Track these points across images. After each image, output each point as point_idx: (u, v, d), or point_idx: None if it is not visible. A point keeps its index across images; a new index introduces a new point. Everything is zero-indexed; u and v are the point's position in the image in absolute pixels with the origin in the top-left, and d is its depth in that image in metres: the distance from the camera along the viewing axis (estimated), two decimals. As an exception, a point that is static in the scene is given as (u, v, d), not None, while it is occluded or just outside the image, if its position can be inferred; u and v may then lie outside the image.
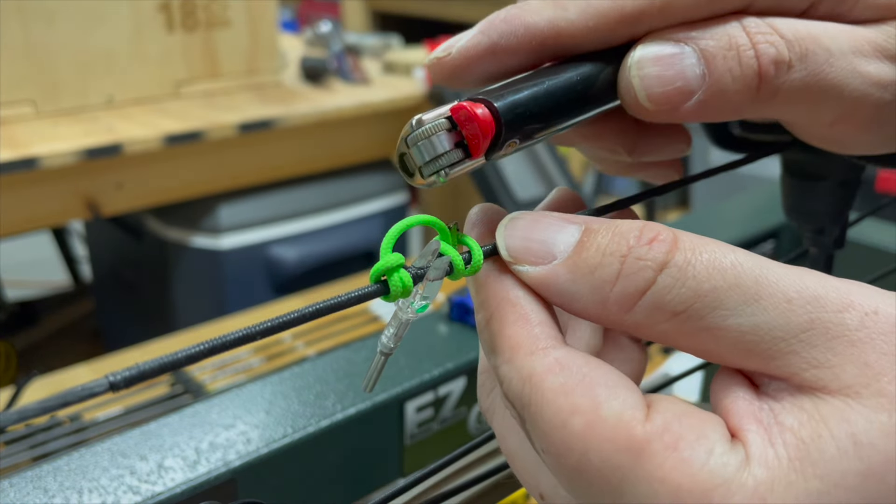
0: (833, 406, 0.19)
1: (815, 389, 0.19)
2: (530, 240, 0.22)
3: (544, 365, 0.21)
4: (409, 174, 0.23)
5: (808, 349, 0.19)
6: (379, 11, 2.82)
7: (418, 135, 0.22)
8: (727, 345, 0.20)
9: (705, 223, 0.72)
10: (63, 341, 1.76)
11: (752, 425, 0.20)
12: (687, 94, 0.23)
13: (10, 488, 0.38)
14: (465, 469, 0.43)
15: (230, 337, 0.18)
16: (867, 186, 1.27)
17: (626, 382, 0.21)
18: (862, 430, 0.18)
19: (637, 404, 0.20)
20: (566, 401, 0.20)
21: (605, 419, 0.19)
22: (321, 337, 0.86)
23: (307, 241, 1.40)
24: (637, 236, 0.21)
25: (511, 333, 0.22)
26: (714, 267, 0.20)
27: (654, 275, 0.20)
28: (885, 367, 0.19)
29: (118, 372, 0.16)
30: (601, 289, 0.21)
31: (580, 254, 0.21)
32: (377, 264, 0.22)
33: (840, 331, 0.19)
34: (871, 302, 0.20)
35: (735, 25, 0.23)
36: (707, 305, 0.20)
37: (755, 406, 0.20)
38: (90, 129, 1.18)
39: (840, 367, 0.19)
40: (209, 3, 1.34)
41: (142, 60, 1.30)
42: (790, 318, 0.20)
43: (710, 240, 0.21)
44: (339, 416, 0.44)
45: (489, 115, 0.22)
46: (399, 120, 1.49)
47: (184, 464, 0.40)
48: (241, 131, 1.25)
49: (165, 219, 1.35)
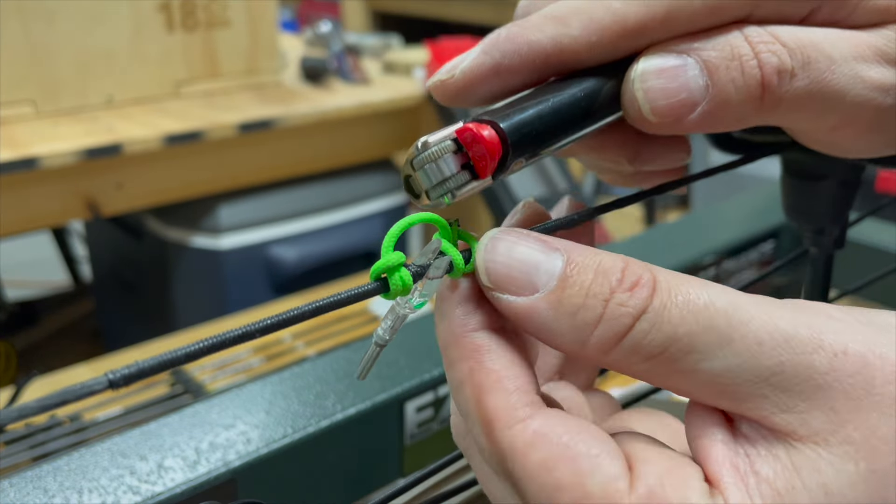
0: (805, 455, 0.19)
1: (786, 435, 0.20)
2: (512, 268, 0.22)
3: (524, 440, 0.21)
4: (416, 195, 0.23)
5: (777, 393, 0.20)
6: (379, 11, 2.82)
7: (424, 158, 0.22)
8: (700, 386, 0.21)
9: (705, 223, 0.72)
10: (63, 341, 1.76)
11: (731, 476, 0.20)
12: (691, 105, 0.23)
13: (10, 488, 0.38)
14: (466, 469, 0.43)
15: (230, 335, 0.18)
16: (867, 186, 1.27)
17: (608, 446, 0.21)
18: (832, 481, 0.19)
19: (620, 473, 0.20)
20: (550, 477, 0.20)
21: (591, 494, 0.20)
22: (321, 337, 0.86)
23: (307, 241, 1.40)
24: (619, 279, 0.21)
25: (487, 404, 0.21)
26: (688, 310, 0.20)
27: (633, 321, 0.20)
28: (851, 413, 0.19)
29: (117, 370, 0.16)
30: (582, 331, 0.21)
31: (563, 290, 0.21)
32: (378, 262, 0.22)
33: (808, 374, 0.20)
34: (840, 341, 0.20)
35: (737, 35, 0.23)
36: (681, 350, 0.20)
37: (732, 451, 0.20)
38: (90, 128, 1.18)
39: (808, 413, 0.19)
40: (209, 3, 1.34)
41: (142, 60, 1.30)
42: (761, 360, 0.20)
43: (685, 278, 0.21)
44: (339, 416, 0.44)
45: (496, 136, 0.22)
46: (399, 120, 1.49)
47: (184, 464, 0.40)
48: (241, 131, 1.25)
49: (165, 219, 1.35)
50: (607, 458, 0.20)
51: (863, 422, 0.19)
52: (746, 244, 0.68)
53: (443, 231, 0.23)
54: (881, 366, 0.19)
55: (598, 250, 0.22)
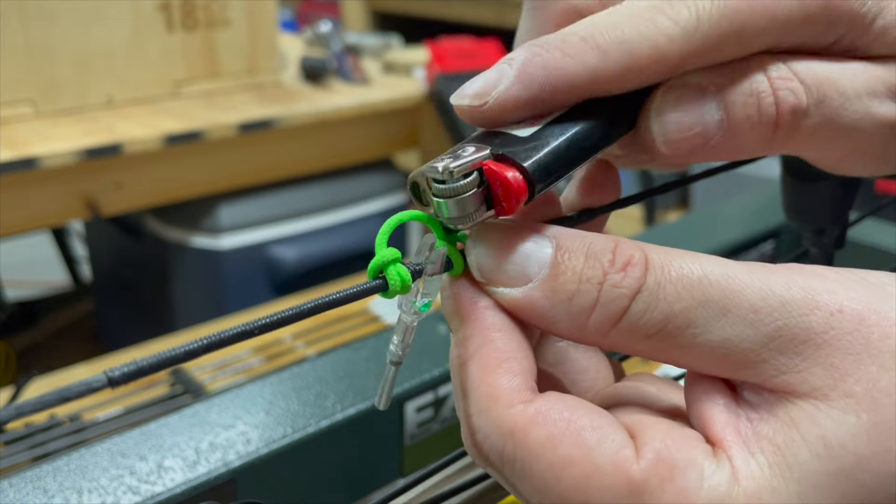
0: (803, 410, 0.20)
1: (786, 393, 0.20)
2: (503, 260, 0.22)
3: (526, 417, 0.20)
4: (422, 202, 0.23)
5: (775, 356, 0.20)
6: (379, 11, 2.82)
7: (447, 191, 0.21)
8: (699, 358, 0.21)
9: (705, 223, 0.72)
10: (63, 341, 1.76)
11: (733, 437, 0.20)
12: (704, 139, 0.23)
13: (10, 488, 0.38)
14: (465, 469, 0.43)
15: (228, 333, 0.18)
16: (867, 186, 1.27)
17: (607, 418, 0.21)
18: (831, 433, 0.19)
19: (625, 441, 0.20)
20: (556, 454, 0.20)
21: (601, 466, 0.20)
22: (321, 337, 0.85)
23: (307, 241, 1.40)
24: (611, 260, 0.21)
25: (492, 381, 0.21)
26: (683, 285, 0.20)
27: (629, 302, 0.21)
28: (851, 367, 0.19)
29: (117, 368, 0.16)
30: (579, 316, 0.21)
31: (556, 278, 0.21)
32: (374, 259, 0.22)
33: (807, 335, 0.20)
34: (836, 300, 0.20)
35: (756, 69, 0.23)
36: (678, 326, 0.20)
37: (734, 415, 0.21)
38: (90, 128, 1.18)
39: (808, 371, 0.20)
40: (209, 2, 1.34)
41: (142, 60, 1.29)
42: (758, 328, 0.20)
43: (677, 252, 0.21)
44: (339, 416, 0.44)
45: (521, 180, 0.21)
46: (399, 120, 1.49)
47: (183, 464, 0.40)
48: (241, 131, 1.25)
49: (165, 219, 1.35)
50: (610, 428, 0.20)
51: (863, 375, 0.19)
52: (746, 244, 0.68)
53: (435, 230, 0.23)
54: (878, 321, 0.20)
55: (586, 233, 0.22)
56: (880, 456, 0.19)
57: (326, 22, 1.66)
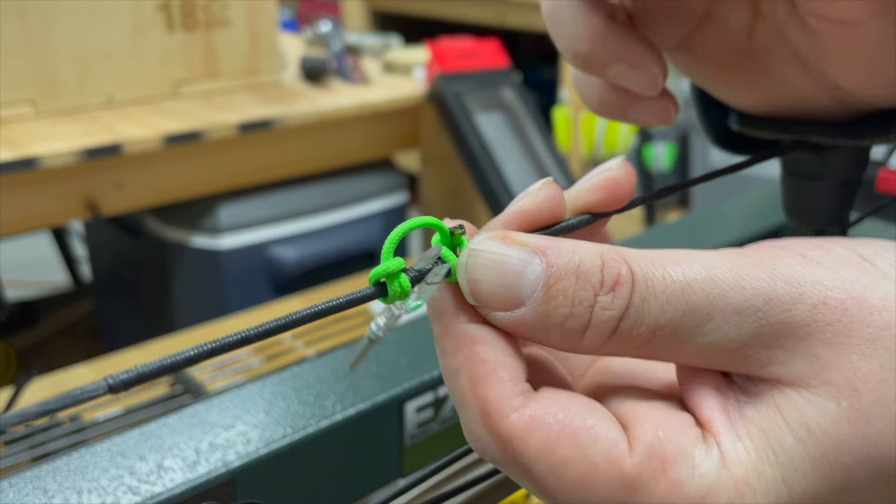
0: (787, 397, 0.21)
1: (774, 381, 0.21)
2: (496, 285, 0.22)
3: (521, 425, 0.21)
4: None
5: (759, 351, 0.21)
6: (379, 11, 2.82)
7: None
8: (688, 359, 0.22)
9: (705, 223, 0.72)
10: (63, 341, 1.76)
11: (721, 420, 0.21)
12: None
13: (10, 488, 0.38)
14: (466, 469, 0.43)
15: (228, 339, 0.18)
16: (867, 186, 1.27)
17: (600, 413, 0.21)
18: (813, 419, 0.20)
19: (618, 436, 0.21)
20: (553, 456, 0.21)
21: (597, 464, 0.20)
22: (321, 337, 0.86)
23: (307, 242, 1.40)
24: (600, 281, 0.21)
25: (483, 394, 0.22)
26: (667, 297, 0.21)
27: (618, 322, 0.21)
28: (832, 357, 0.20)
29: (117, 374, 0.16)
30: (572, 338, 0.22)
31: (549, 302, 0.21)
32: (377, 268, 0.22)
33: (790, 329, 0.21)
34: (819, 292, 0.21)
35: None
36: (665, 336, 0.21)
37: (723, 397, 0.22)
38: (90, 128, 1.18)
39: (791, 362, 0.21)
40: (209, 2, 1.34)
41: (141, 60, 1.29)
42: (741, 328, 0.21)
43: (659, 258, 0.22)
44: (339, 417, 0.44)
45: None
46: (399, 120, 1.49)
47: (183, 464, 0.40)
48: (241, 131, 1.25)
49: (165, 219, 1.35)
50: (603, 425, 0.21)
51: (844, 364, 0.20)
52: (746, 244, 0.68)
53: (442, 237, 0.23)
54: (859, 310, 0.20)
55: (575, 245, 0.22)
56: (860, 440, 0.20)
57: (326, 22, 1.66)
